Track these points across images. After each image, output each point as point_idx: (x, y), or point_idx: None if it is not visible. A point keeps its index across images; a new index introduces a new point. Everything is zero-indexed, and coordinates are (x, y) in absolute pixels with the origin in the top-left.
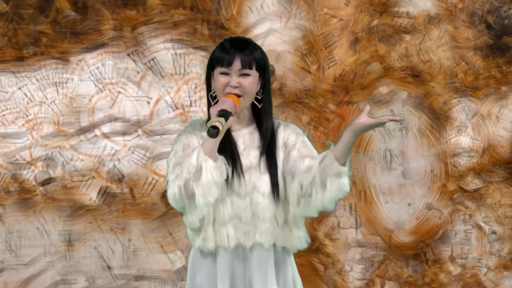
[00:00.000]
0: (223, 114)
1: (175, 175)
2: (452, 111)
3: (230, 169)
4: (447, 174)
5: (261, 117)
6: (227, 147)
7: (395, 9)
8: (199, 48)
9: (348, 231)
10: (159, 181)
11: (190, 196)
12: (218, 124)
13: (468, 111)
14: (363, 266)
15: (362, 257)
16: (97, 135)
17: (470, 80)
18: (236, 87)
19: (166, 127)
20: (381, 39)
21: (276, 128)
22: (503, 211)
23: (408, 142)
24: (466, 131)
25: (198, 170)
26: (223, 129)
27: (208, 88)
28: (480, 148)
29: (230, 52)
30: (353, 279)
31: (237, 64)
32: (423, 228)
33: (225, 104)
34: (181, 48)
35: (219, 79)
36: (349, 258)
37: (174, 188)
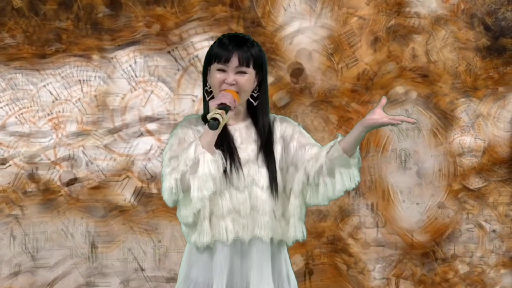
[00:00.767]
0: (223, 108)
1: (171, 168)
2: (456, 111)
3: (228, 162)
4: (454, 173)
5: (257, 114)
6: (224, 141)
7: (407, 9)
8: None
9: (370, 230)
10: None
11: (185, 189)
12: (218, 116)
13: (469, 111)
14: (383, 265)
15: (382, 256)
16: (130, 134)
17: (470, 81)
18: (232, 84)
19: None
20: (394, 39)
21: (272, 123)
22: (502, 210)
23: (420, 142)
24: (469, 131)
25: (195, 163)
26: (223, 121)
27: (204, 82)
28: (480, 148)
29: (228, 48)
30: (374, 279)
31: (234, 61)
32: (436, 227)
33: (225, 98)
34: None
35: (215, 75)
36: (371, 258)
37: (170, 181)
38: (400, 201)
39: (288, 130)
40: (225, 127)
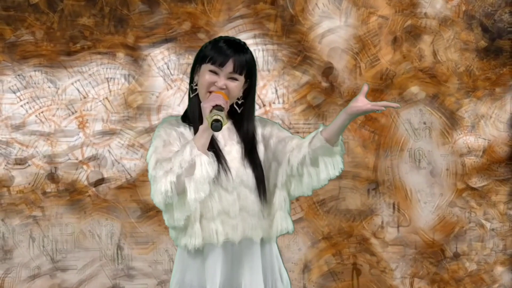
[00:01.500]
0: (219, 109)
1: (163, 170)
2: (460, 112)
3: (216, 164)
4: (458, 172)
5: (242, 120)
6: (209, 143)
7: (418, 10)
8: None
9: (391, 229)
10: None
11: (180, 192)
12: (220, 118)
13: (470, 112)
14: (402, 264)
15: (402, 255)
16: None
17: (470, 82)
18: (222, 89)
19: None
20: (407, 39)
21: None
22: (501, 209)
23: (431, 142)
24: (470, 131)
25: (191, 165)
26: (224, 122)
27: (191, 79)
28: (480, 147)
29: (226, 53)
30: (395, 278)
31: (229, 67)
32: (445, 226)
33: (219, 100)
34: (265, 44)
35: (205, 75)
36: (393, 257)
37: (166, 184)
38: (417, 200)
39: (267, 129)
40: None
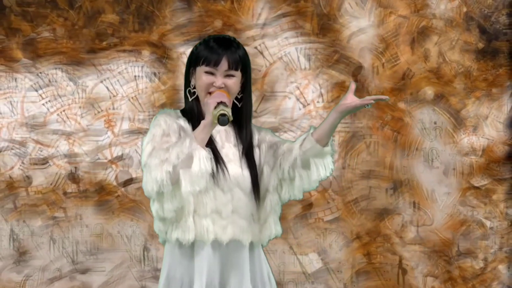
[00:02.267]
0: (224, 106)
1: (159, 159)
2: (462, 112)
3: (214, 163)
4: (461, 172)
5: (241, 117)
6: (207, 142)
7: (428, 10)
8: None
9: (411, 228)
10: None
11: (174, 183)
12: (226, 113)
13: (470, 112)
14: (421, 263)
15: (421, 254)
16: None
17: (470, 82)
18: (221, 88)
19: (296, 124)
20: (421, 40)
21: (252, 129)
22: (500, 207)
23: (442, 142)
24: (471, 131)
25: (188, 157)
26: (230, 117)
27: (187, 83)
28: (480, 147)
29: (218, 52)
30: (415, 277)
31: (224, 65)
32: (453, 225)
33: (223, 97)
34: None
35: (202, 77)
36: (413, 256)
37: (162, 173)
38: (435, 200)
39: (261, 134)
40: None
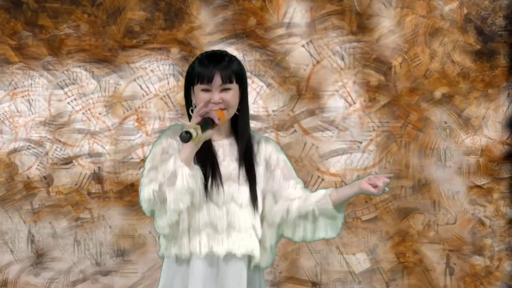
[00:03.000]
0: (205, 123)
1: (149, 178)
2: (464, 112)
3: (210, 178)
4: (464, 171)
5: (238, 128)
6: (208, 156)
7: (437, 11)
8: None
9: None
10: (325, 180)
11: (162, 201)
12: (192, 131)
13: (470, 112)
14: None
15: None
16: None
17: (469, 83)
18: (219, 103)
19: (344, 123)
20: (429, 40)
21: (257, 143)
22: (498, 206)
23: (452, 142)
24: (471, 131)
25: (173, 175)
26: (197, 137)
27: (188, 102)
28: (479, 147)
29: (209, 68)
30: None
31: (217, 80)
32: (462, 224)
33: (212, 114)
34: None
35: (200, 95)
36: (434, 255)
37: (149, 191)
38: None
39: (273, 156)
40: (209, 142)
